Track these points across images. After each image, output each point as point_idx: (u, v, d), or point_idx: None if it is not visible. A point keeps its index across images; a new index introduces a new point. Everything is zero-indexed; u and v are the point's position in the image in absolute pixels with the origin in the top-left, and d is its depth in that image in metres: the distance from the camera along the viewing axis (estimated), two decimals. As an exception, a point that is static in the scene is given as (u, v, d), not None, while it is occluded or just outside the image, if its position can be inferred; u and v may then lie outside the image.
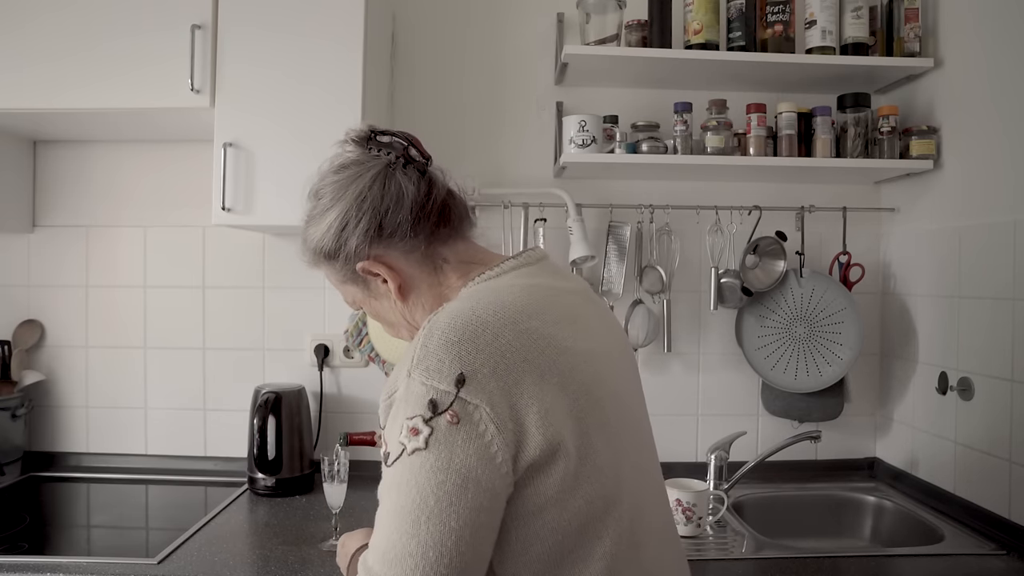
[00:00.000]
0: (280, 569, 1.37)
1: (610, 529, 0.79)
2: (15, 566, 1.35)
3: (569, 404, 0.77)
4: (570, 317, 0.85)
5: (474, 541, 0.72)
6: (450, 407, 0.73)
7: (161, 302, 2.04)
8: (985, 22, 1.66)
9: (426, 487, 0.72)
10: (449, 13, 2.04)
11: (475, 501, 0.72)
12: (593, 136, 1.83)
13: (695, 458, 2.03)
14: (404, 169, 0.89)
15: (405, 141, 0.91)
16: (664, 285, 1.95)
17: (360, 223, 0.87)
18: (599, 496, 0.78)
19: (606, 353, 0.87)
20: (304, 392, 1.93)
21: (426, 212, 0.88)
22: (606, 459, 0.80)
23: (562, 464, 0.75)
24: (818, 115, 1.87)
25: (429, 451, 0.72)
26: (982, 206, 1.65)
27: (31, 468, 1.98)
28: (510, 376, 0.75)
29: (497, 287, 0.85)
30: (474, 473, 0.72)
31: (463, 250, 0.93)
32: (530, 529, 0.76)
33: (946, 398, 1.74)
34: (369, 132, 0.91)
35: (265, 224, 1.70)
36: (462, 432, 0.72)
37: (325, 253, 0.91)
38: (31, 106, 1.67)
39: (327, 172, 0.92)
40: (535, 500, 0.75)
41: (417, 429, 0.73)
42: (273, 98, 1.66)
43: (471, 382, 0.73)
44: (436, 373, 0.74)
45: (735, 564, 1.46)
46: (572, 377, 0.79)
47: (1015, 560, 1.45)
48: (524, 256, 0.92)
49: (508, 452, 0.73)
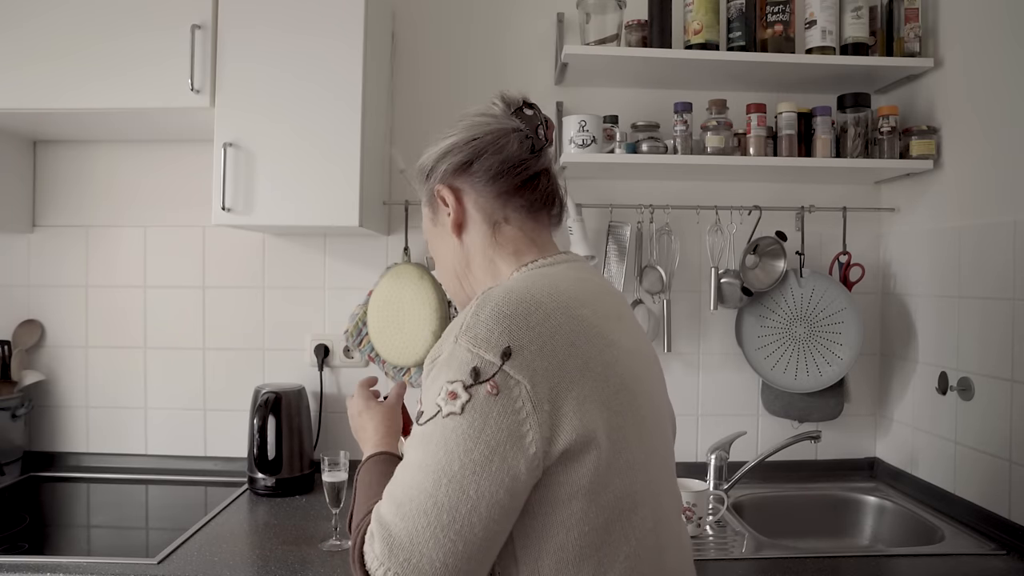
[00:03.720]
0: (280, 569, 1.37)
1: (636, 529, 0.79)
2: (15, 566, 1.35)
3: (609, 396, 0.78)
4: (617, 314, 0.88)
5: (488, 515, 0.73)
6: (492, 378, 0.74)
7: (161, 302, 2.04)
8: (985, 22, 1.66)
9: (453, 451, 0.73)
10: (449, 13, 2.04)
11: (497, 476, 0.72)
12: (593, 136, 1.83)
13: (695, 458, 2.03)
14: (523, 139, 0.94)
15: (543, 122, 0.97)
16: (664, 285, 1.95)
17: (458, 156, 0.94)
18: (628, 493, 0.78)
19: (644, 354, 0.90)
20: (304, 392, 1.93)
21: (515, 171, 0.93)
22: (638, 456, 0.80)
23: (595, 455, 0.76)
24: (818, 115, 1.87)
25: (463, 417, 0.73)
26: (982, 206, 1.65)
27: (31, 468, 1.98)
28: (555, 358, 0.75)
29: (552, 273, 0.88)
30: (502, 448, 0.73)
31: (530, 227, 0.96)
32: (557, 517, 0.76)
33: (946, 398, 1.74)
34: (521, 101, 0.97)
35: (265, 224, 1.70)
36: (499, 405, 0.73)
37: (423, 170, 0.98)
38: (31, 106, 1.67)
39: (469, 113, 0.98)
40: (565, 488, 0.75)
41: (456, 394, 0.74)
42: (273, 98, 1.66)
43: (517, 357, 0.74)
44: (484, 342, 0.75)
45: (735, 564, 1.45)
46: (614, 370, 0.80)
47: (1015, 560, 1.45)
48: (571, 254, 0.97)
49: (539, 433, 0.74)
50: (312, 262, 2.04)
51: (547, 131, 0.97)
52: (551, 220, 0.99)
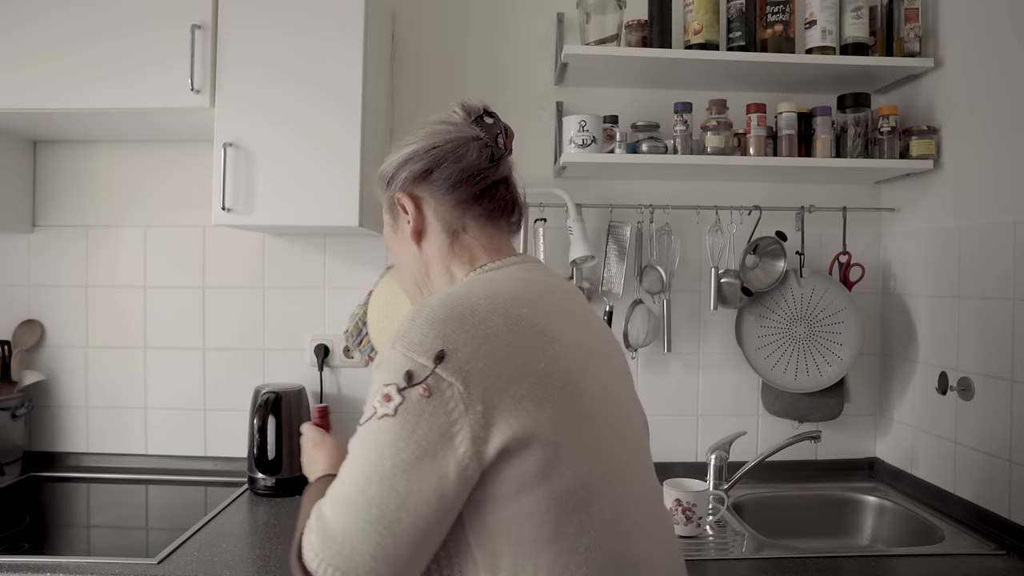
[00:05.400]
0: (280, 569, 1.37)
1: (595, 521, 0.80)
2: (15, 566, 1.35)
3: (551, 391, 0.79)
4: (562, 311, 0.89)
5: (416, 512, 0.75)
6: (424, 380, 0.77)
7: (161, 302, 2.04)
8: (985, 22, 1.66)
9: (385, 451, 0.76)
10: (449, 13, 2.04)
11: (426, 475, 0.75)
12: (593, 136, 1.83)
13: (695, 458, 2.03)
14: (482, 148, 0.97)
15: (502, 131, 1.00)
16: (664, 285, 1.96)
17: (418, 164, 0.96)
18: (582, 485, 0.79)
19: (597, 350, 0.91)
20: (304, 392, 1.93)
21: (474, 180, 0.96)
22: (588, 450, 0.81)
23: (538, 450, 0.77)
24: (818, 115, 1.87)
25: (396, 418, 0.76)
26: (982, 206, 1.65)
27: (31, 468, 1.98)
28: (491, 359, 0.78)
29: (496, 277, 0.91)
30: (432, 449, 0.75)
31: (487, 235, 0.99)
32: (507, 512, 0.78)
33: (946, 398, 1.74)
34: (482, 110, 0.99)
35: (265, 224, 1.69)
36: (431, 406, 0.76)
37: (384, 177, 1.01)
38: (31, 106, 1.67)
39: (430, 120, 1.00)
40: (511, 483, 0.77)
41: (390, 396, 0.77)
42: (273, 98, 1.66)
43: (450, 359, 0.77)
44: (418, 346, 0.78)
45: (735, 564, 1.46)
46: (557, 366, 0.81)
47: (1015, 560, 1.45)
48: (524, 256, 1.00)
49: (471, 433, 0.76)
50: (312, 262, 2.04)
51: (507, 140, 1.00)
52: (510, 227, 1.02)
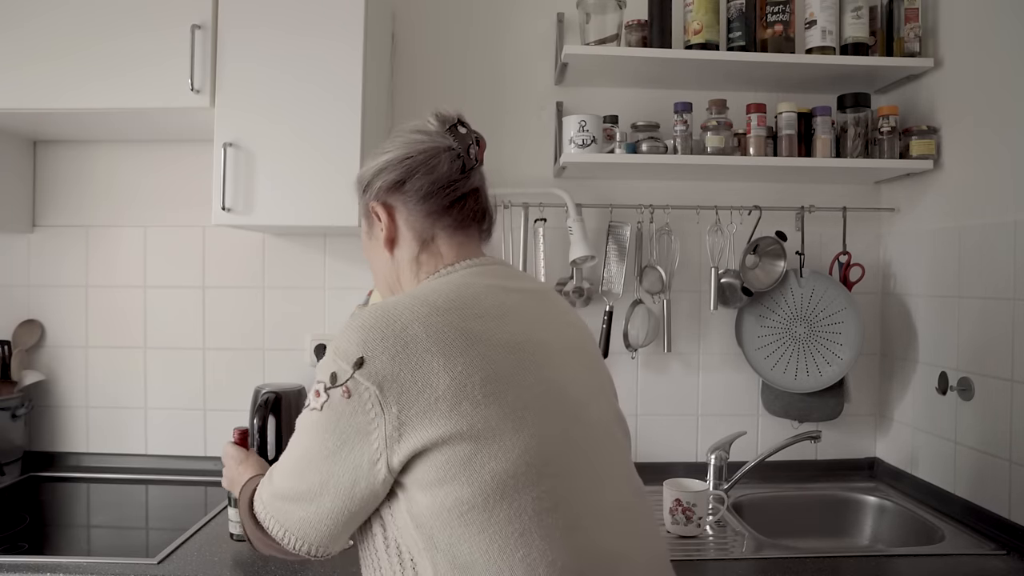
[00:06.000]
0: (280, 569, 1.37)
1: (527, 508, 0.83)
2: (15, 566, 1.35)
3: (471, 390, 0.84)
4: (499, 312, 0.92)
5: (336, 493, 0.87)
6: (345, 383, 0.86)
7: (161, 302, 2.04)
8: (985, 22, 1.66)
9: (313, 438, 0.88)
10: (449, 13, 2.04)
11: (343, 463, 0.86)
12: (593, 136, 1.83)
13: (695, 458, 2.03)
14: (454, 158, 1.00)
15: (474, 141, 1.02)
16: (664, 285, 1.96)
17: (392, 174, 1.00)
18: (508, 475, 0.83)
19: (543, 343, 0.94)
20: (304, 392, 1.92)
21: (444, 192, 1.00)
22: (516, 443, 0.85)
23: (455, 445, 0.83)
24: (818, 115, 1.87)
25: (323, 413, 0.87)
26: (982, 206, 1.65)
27: (31, 468, 1.98)
28: (407, 365, 0.84)
29: (435, 284, 0.96)
30: (350, 442, 0.86)
31: (458, 242, 1.02)
32: (435, 498, 0.84)
33: (946, 398, 1.74)
34: (455, 119, 1.03)
35: (265, 224, 1.70)
36: (350, 406, 0.85)
37: (360, 184, 1.05)
38: (31, 106, 1.66)
39: (405, 128, 1.04)
40: (432, 473, 0.84)
41: (320, 393, 0.88)
42: (273, 98, 1.66)
43: (368, 365, 0.85)
44: (343, 352, 0.87)
45: (735, 564, 1.45)
46: (481, 364, 0.86)
47: (1015, 560, 1.45)
48: (481, 259, 1.03)
49: (385, 432, 0.84)
50: (312, 262, 2.04)
51: (479, 150, 1.03)
52: (481, 234, 1.06)
